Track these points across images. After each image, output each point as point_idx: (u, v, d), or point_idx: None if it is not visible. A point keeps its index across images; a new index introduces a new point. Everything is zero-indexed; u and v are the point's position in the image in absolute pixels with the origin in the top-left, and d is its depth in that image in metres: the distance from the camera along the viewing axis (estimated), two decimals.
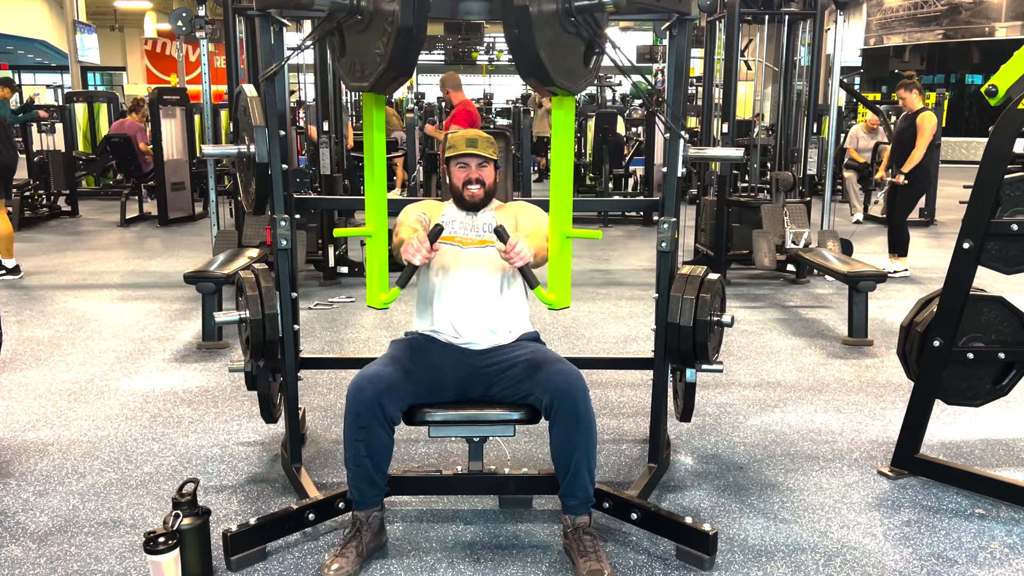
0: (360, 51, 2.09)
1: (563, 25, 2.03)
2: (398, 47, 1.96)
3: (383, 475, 2.45)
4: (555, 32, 2.02)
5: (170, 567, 2.22)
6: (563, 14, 2.00)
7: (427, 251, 2.32)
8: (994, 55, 17.24)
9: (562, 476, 2.44)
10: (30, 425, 3.50)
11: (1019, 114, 2.68)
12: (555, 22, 2.01)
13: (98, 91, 21.23)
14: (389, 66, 1.99)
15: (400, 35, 1.93)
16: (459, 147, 2.61)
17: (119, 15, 24.99)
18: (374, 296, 2.34)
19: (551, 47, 1.99)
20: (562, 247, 2.26)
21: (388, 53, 1.98)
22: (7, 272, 6.45)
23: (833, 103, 6.65)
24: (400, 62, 1.99)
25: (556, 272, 2.29)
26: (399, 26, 1.91)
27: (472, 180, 2.62)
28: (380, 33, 1.99)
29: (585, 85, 2.20)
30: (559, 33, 2.03)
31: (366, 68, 2.07)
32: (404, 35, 1.93)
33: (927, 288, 5.94)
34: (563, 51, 2.05)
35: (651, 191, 9.86)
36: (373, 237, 2.31)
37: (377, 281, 2.33)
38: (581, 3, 2.00)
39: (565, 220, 2.24)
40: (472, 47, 21.91)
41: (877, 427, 3.54)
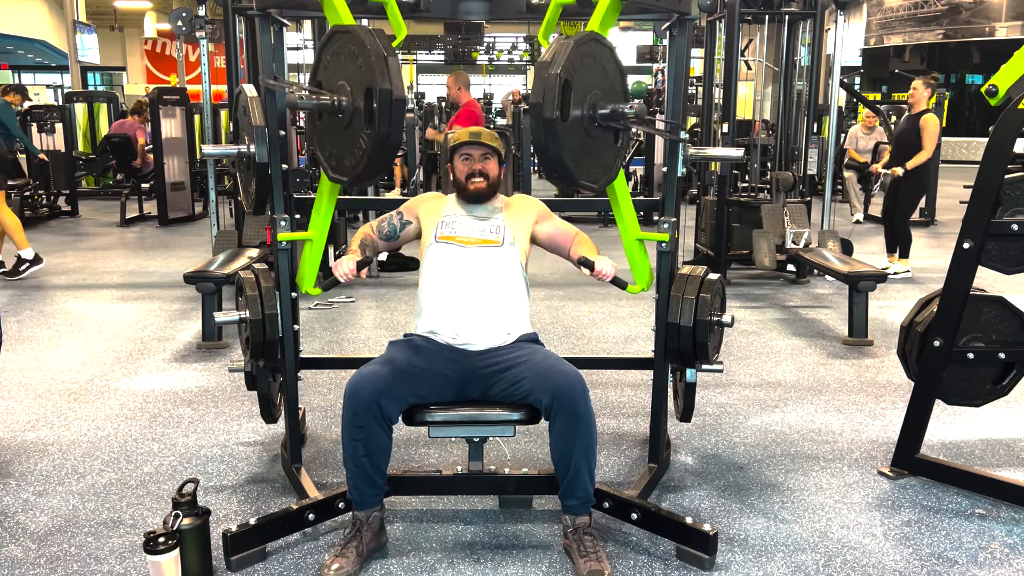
0: (336, 143, 2.26)
1: (588, 132, 2.28)
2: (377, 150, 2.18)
3: (382, 475, 2.45)
4: (582, 141, 2.29)
5: (170, 567, 2.22)
6: (588, 123, 2.27)
7: (352, 276, 2.52)
8: (994, 55, 17.24)
9: (562, 476, 2.44)
10: (30, 425, 3.50)
11: (1019, 114, 2.68)
12: (581, 131, 2.27)
13: (98, 91, 21.22)
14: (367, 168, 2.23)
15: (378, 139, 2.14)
16: (462, 138, 2.67)
17: (119, 15, 24.98)
18: (303, 282, 2.75)
19: (584, 161, 2.29)
20: (636, 247, 2.75)
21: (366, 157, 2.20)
22: (30, 264, 6.46)
23: (833, 103, 6.65)
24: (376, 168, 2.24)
25: (639, 266, 2.76)
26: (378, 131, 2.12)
27: (475, 172, 2.63)
28: (357, 138, 2.12)
29: (621, 165, 2.54)
30: (586, 140, 2.30)
31: (343, 161, 2.31)
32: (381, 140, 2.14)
33: (927, 288, 5.94)
34: (594, 154, 2.34)
35: (651, 191, 9.86)
36: (314, 241, 2.70)
37: (308, 273, 2.73)
38: (604, 112, 2.28)
39: (633, 227, 2.72)
40: (472, 47, 21.93)
41: (877, 427, 3.54)
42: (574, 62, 2.17)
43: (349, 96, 2.16)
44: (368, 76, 2.08)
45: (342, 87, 2.18)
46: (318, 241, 2.70)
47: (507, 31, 26.48)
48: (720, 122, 6.60)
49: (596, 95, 2.24)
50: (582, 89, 2.21)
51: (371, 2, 2.37)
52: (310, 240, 2.69)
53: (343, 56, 2.20)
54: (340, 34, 2.22)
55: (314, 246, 2.70)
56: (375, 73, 2.05)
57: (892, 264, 6.78)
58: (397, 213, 2.78)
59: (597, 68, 2.28)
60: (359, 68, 2.12)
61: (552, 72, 2.11)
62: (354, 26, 2.21)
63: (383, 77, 2.05)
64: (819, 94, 7.90)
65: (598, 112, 2.23)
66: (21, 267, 6.47)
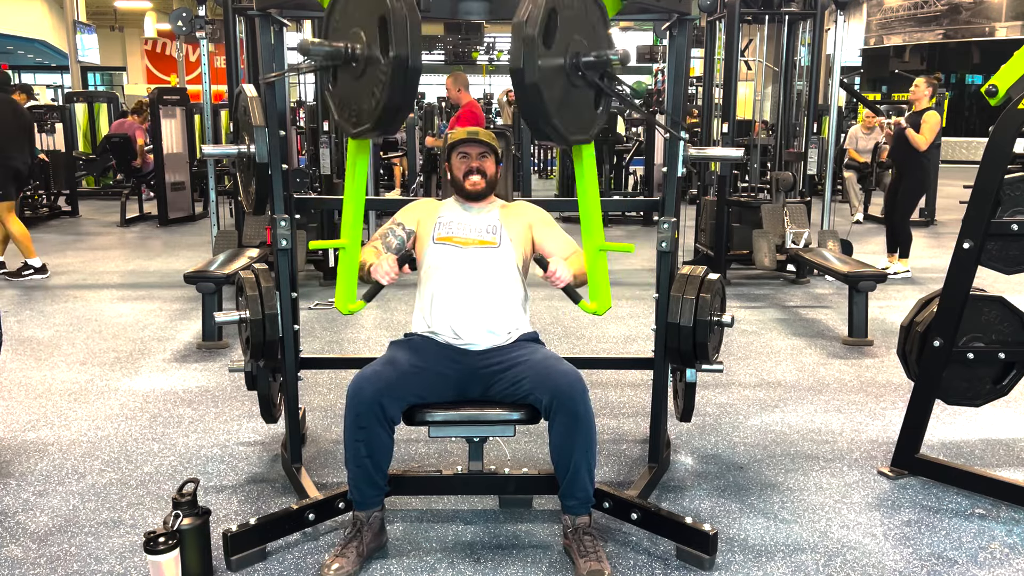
0: (352, 94, 2.14)
1: (571, 80, 2.11)
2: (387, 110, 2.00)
3: (383, 475, 2.45)
4: (564, 90, 2.10)
5: (170, 567, 2.22)
6: (571, 70, 2.08)
7: (396, 274, 2.43)
8: (994, 55, 17.24)
9: (562, 476, 2.44)
10: (30, 425, 3.50)
11: (1019, 114, 2.68)
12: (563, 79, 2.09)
13: (98, 91, 21.23)
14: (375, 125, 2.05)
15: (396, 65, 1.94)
16: (460, 136, 2.67)
17: (119, 15, 24.98)
18: (343, 303, 2.42)
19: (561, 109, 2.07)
20: (597, 259, 2.42)
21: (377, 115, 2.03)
22: (35, 271, 6.46)
23: (833, 103, 6.65)
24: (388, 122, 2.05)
25: (596, 283, 2.43)
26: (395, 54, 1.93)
27: (473, 170, 2.63)
28: (373, 85, 2.02)
29: (597, 129, 2.31)
30: (568, 90, 2.11)
31: (354, 116, 2.13)
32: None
33: (927, 288, 5.94)
34: (574, 108, 2.15)
35: (651, 191, 9.86)
36: (347, 249, 2.40)
37: (346, 290, 2.41)
38: (588, 59, 2.09)
39: (598, 235, 2.40)
40: (472, 47, 21.92)
41: (877, 427, 3.54)
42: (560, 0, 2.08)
43: (363, 43, 2.06)
44: (379, 6, 1.98)
45: (355, 34, 2.10)
46: (352, 248, 2.40)
47: (507, 31, 26.42)
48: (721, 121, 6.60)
49: (580, 42, 2.12)
50: (567, 30, 2.08)
51: None
52: (343, 248, 2.39)
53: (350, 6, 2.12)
54: None
55: (349, 255, 2.40)
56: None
57: (892, 264, 6.78)
58: (398, 225, 2.72)
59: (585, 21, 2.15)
60: (368, 7, 2.02)
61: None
62: None
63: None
64: (819, 94, 7.90)
65: (581, 60, 2.09)
66: (25, 271, 6.47)
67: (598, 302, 2.45)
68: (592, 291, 2.45)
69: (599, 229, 2.42)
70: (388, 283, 2.43)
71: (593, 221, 2.41)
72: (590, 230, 2.41)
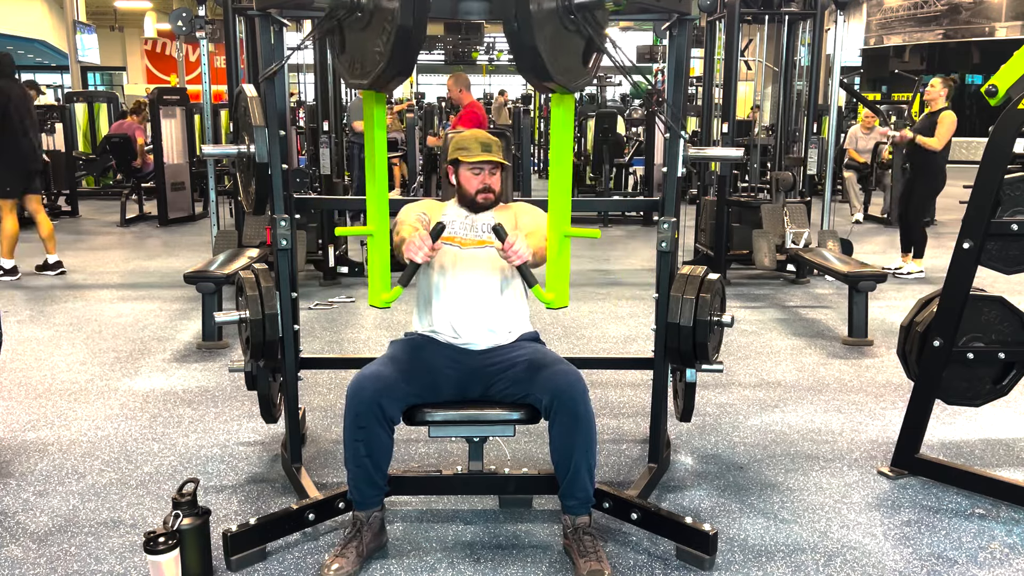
0: (360, 49, 2.09)
1: (563, 23, 2.01)
2: (398, 45, 1.94)
3: (383, 475, 2.45)
4: (555, 29, 2.00)
5: (170, 567, 2.22)
6: (563, 11, 1.98)
7: (429, 249, 2.31)
8: (994, 55, 17.23)
9: (562, 476, 2.44)
10: (30, 425, 3.50)
11: (1019, 114, 2.68)
12: (555, 19, 1.99)
13: (98, 91, 21.22)
14: (389, 64, 1.98)
15: (400, 33, 1.92)
16: (473, 151, 2.57)
17: (119, 15, 24.98)
18: (376, 295, 2.34)
19: (550, 43, 1.98)
20: (560, 246, 2.24)
21: (388, 51, 1.96)
22: (5, 273, 6.44)
23: (833, 103, 6.65)
24: (399, 60, 1.98)
25: (554, 271, 2.27)
26: (399, 24, 1.91)
27: (486, 188, 2.61)
28: (380, 31, 1.98)
29: (583, 84, 2.18)
30: (559, 30, 2.01)
31: (366, 66, 2.06)
32: (403, 33, 1.92)
33: (928, 288, 5.94)
34: (562, 48, 2.04)
35: (651, 191, 9.85)
36: (375, 236, 2.30)
37: (379, 280, 2.33)
38: (581, 0, 1.98)
39: (564, 219, 2.23)
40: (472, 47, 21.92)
41: (877, 427, 3.54)
42: None
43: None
44: None
45: None
46: (380, 236, 2.31)
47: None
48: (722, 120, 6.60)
49: None
50: None
51: None
52: (371, 235, 2.30)
53: None
54: None
55: (377, 243, 2.30)
56: None
57: (906, 264, 6.78)
58: (421, 212, 2.66)
59: None
60: None
61: None
62: None
63: None
64: (819, 94, 7.90)
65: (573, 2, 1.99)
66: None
67: (555, 293, 2.26)
68: (550, 279, 2.28)
69: (566, 212, 2.23)
70: (424, 260, 2.29)
71: (561, 202, 2.22)
72: (557, 212, 2.22)
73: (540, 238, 2.42)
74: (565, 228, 2.23)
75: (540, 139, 15.01)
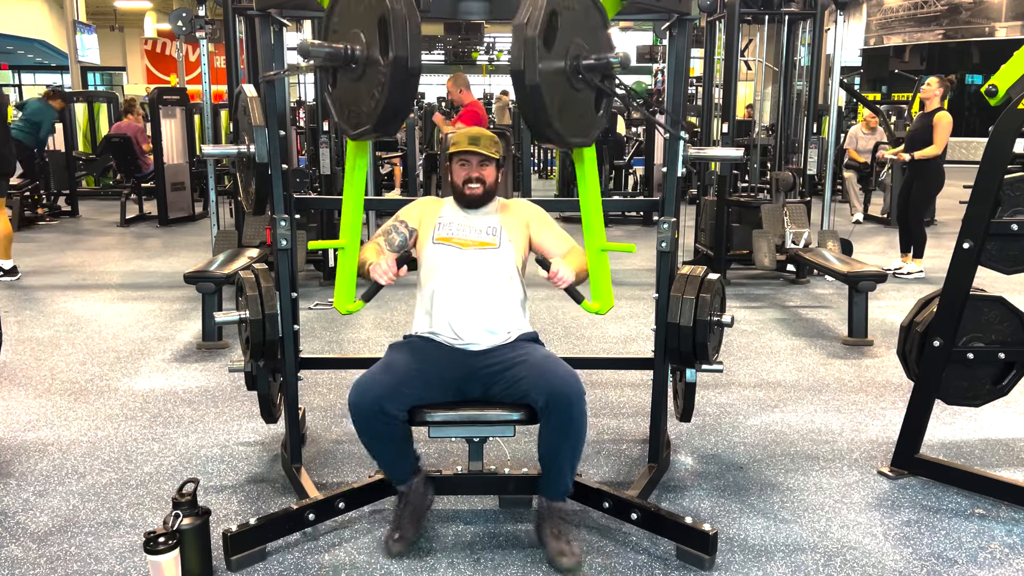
0: (351, 96, 2.14)
1: (572, 83, 2.12)
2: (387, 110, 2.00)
3: (409, 452, 2.52)
4: (565, 93, 2.11)
5: (170, 567, 2.22)
6: (571, 73, 2.10)
7: (394, 274, 2.44)
8: (994, 55, 17.24)
9: (546, 471, 2.49)
10: (30, 425, 3.50)
11: (1019, 114, 2.68)
12: (564, 81, 2.10)
13: (98, 91, 21.23)
14: (376, 126, 2.05)
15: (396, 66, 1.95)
16: (461, 144, 2.63)
17: (119, 15, 24.98)
18: (342, 303, 2.50)
19: (562, 112, 2.08)
20: (599, 259, 2.48)
21: (376, 114, 2.03)
22: (4, 273, 6.44)
23: (833, 103, 6.65)
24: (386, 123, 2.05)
25: (597, 283, 2.50)
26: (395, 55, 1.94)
27: (473, 178, 2.63)
28: (372, 86, 2.01)
29: (598, 132, 2.32)
30: (568, 92, 2.12)
31: (353, 118, 2.14)
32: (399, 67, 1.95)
33: (928, 288, 5.94)
34: (574, 111, 2.16)
35: (651, 191, 9.85)
36: (346, 249, 2.48)
37: (345, 290, 2.49)
38: (589, 62, 2.10)
39: (599, 235, 2.48)
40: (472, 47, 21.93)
41: (877, 427, 3.54)
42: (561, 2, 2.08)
43: (362, 45, 2.06)
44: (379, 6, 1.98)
45: (354, 35, 2.09)
46: (351, 249, 2.49)
47: (507, 31, 26.41)
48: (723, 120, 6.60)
49: (581, 45, 2.12)
50: (567, 33, 2.09)
51: None
52: (342, 248, 2.47)
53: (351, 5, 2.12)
54: None
55: (348, 255, 2.49)
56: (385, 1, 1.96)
57: (906, 264, 6.78)
58: (400, 223, 2.72)
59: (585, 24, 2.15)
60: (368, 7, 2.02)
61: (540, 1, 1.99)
62: None
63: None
64: (819, 94, 7.90)
65: (582, 63, 2.09)
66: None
67: (600, 302, 2.51)
68: (594, 291, 2.53)
69: (600, 229, 2.49)
70: (387, 283, 2.44)
71: (594, 222, 2.46)
72: (591, 231, 2.46)
73: (580, 260, 2.59)
74: (602, 243, 2.48)
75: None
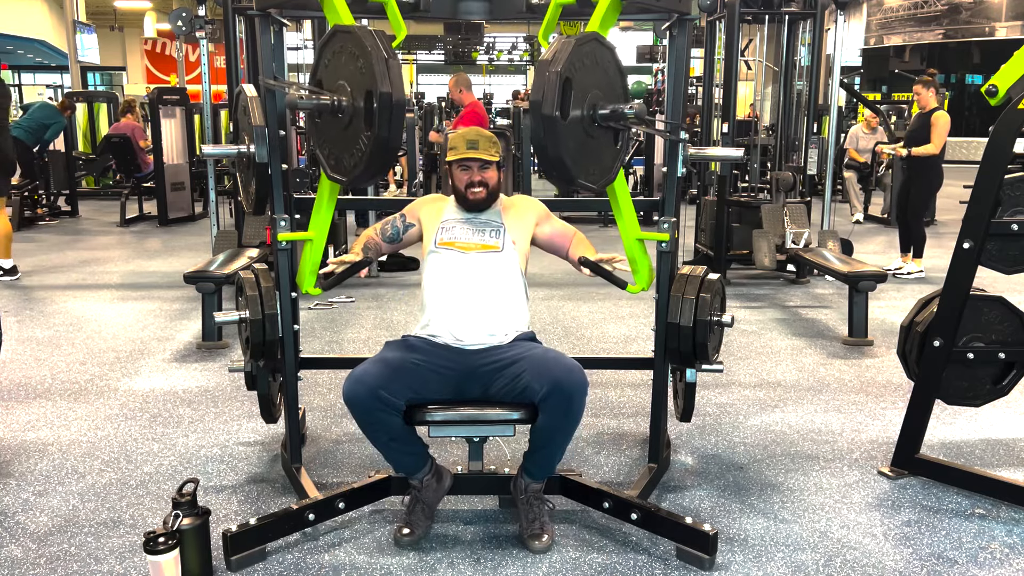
0: (339, 143, 2.26)
1: (588, 132, 2.24)
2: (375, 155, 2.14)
3: (415, 443, 2.52)
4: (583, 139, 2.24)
5: (170, 567, 2.22)
6: (588, 123, 2.23)
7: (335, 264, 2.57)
8: (994, 55, 17.25)
9: (534, 450, 2.52)
10: (30, 425, 3.50)
11: (1019, 114, 2.67)
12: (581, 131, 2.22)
13: (98, 91, 21.21)
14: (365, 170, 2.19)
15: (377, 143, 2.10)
16: (460, 149, 2.62)
17: (119, 15, 24.98)
18: (302, 281, 2.67)
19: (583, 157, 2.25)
20: (637, 247, 2.63)
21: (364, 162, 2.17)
22: (4, 273, 6.44)
23: (833, 103, 6.65)
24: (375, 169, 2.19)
25: (639, 266, 2.65)
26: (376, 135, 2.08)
27: (475, 183, 2.62)
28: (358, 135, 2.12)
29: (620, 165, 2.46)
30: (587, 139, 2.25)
31: (341, 162, 2.28)
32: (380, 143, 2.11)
33: (928, 288, 5.94)
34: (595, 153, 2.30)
35: (651, 191, 9.85)
36: (314, 241, 2.65)
37: (307, 276, 2.66)
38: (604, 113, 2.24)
39: (633, 226, 2.61)
40: (472, 47, 21.92)
41: (877, 427, 3.54)
42: (575, 61, 2.17)
43: (349, 97, 2.16)
44: (368, 79, 2.08)
45: (342, 87, 2.18)
46: (318, 241, 2.66)
47: (507, 31, 26.48)
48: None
49: (596, 95, 2.25)
50: (582, 89, 2.22)
51: (371, 2, 2.37)
52: (310, 240, 2.65)
53: (344, 56, 2.20)
54: (341, 34, 2.22)
55: (314, 246, 2.66)
56: (375, 76, 2.05)
57: (906, 264, 6.78)
58: (400, 216, 2.79)
59: (598, 69, 2.28)
60: (359, 70, 2.12)
61: (553, 70, 2.12)
62: (355, 26, 2.20)
63: (384, 80, 2.05)
64: (819, 94, 7.90)
65: (598, 112, 2.23)
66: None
67: (642, 283, 2.68)
68: (637, 275, 2.67)
69: (634, 221, 2.64)
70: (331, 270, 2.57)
71: (628, 215, 2.62)
72: (626, 222, 2.62)
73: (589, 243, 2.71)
74: (637, 233, 2.62)
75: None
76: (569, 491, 2.73)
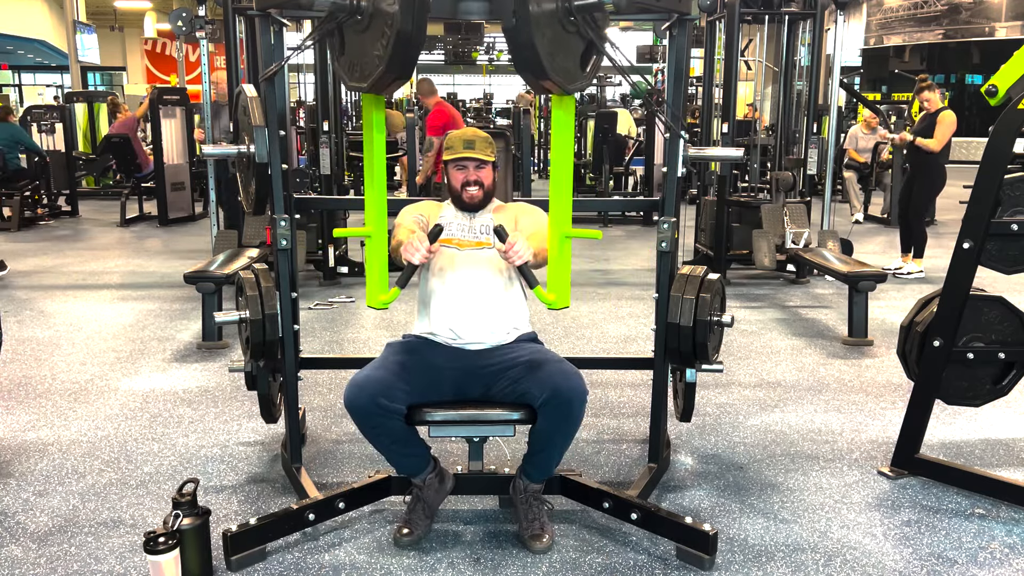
0: (359, 51, 2.09)
1: (563, 24, 2.02)
2: (397, 50, 1.94)
3: (416, 445, 2.52)
4: (554, 31, 2.01)
5: (170, 567, 2.22)
6: (563, 13, 1.99)
7: (427, 250, 2.34)
8: (994, 55, 17.23)
9: (533, 453, 2.52)
10: (30, 425, 3.50)
11: (1019, 114, 2.68)
12: (555, 21, 2.00)
13: (98, 91, 21.22)
14: (388, 68, 1.98)
15: (399, 38, 1.92)
16: (457, 149, 2.61)
17: (119, 15, 24.97)
18: (374, 296, 2.36)
19: (549, 44, 1.98)
20: (561, 246, 2.24)
21: (387, 55, 1.97)
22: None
23: (833, 103, 6.64)
24: (399, 64, 1.98)
25: (555, 271, 2.28)
26: (398, 29, 1.91)
27: (470, 182, 2.62)
28: (379, 35, 1.98)
29: (581, 87, 2.19)
30: (558, 32, 2.02)
31: (365, 69, 2.07)
32: (403, 38, 1.92)
33: (928, 288, 5.94)
34: (561, 49, 2.04)
35: (651, 191, 9.85)
36: (373, 237, 2.33)
37: (377, 281, 2.35)
38: (581, 3, 1.98)
39: (565, 220, 2.23)
40: (472, 47, 21.90)
41: (877, 427, 3.54)
42: None
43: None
44: None
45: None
46: (378, 237, 2.32)
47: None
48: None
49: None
50: None
51: None
52: (369, 237, 2.32)
53: None
54: None
55: (375, 244, 2.32)
56: None
57: (906, 264, 6.77)
58: (416, 210, 2.70)
59: None
60: None
61: None
62: None
63: None
64: (819, 94, 7.90)
65: (573, 3, 2.00)
66: None
67: (556, 294, 2.27)
68: (551, 280, 2.29)
69: (568, 213, 2.24)
70: (421, 262, 2.32)
71: (562, 202, 2.21)
72: (558, 213, 2.21)
73: (541, 239, 2.43)
74: (566, 229, 2.23)
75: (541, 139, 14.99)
76: (569, 491, 2.73)
